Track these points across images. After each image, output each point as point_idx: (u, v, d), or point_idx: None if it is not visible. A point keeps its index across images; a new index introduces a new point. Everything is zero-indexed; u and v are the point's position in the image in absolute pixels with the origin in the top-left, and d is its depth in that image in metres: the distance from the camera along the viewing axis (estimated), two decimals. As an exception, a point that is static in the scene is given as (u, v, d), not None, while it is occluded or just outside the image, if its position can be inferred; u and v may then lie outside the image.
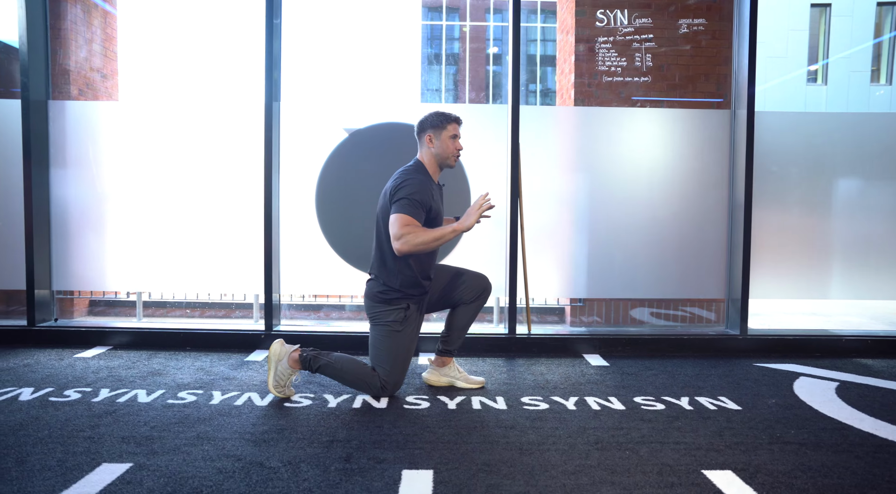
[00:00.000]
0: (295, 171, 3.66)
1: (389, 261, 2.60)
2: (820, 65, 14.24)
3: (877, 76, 14.14)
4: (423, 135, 2.64)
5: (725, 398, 2.68)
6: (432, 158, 2.65)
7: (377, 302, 2.63)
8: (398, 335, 2.60)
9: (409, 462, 1.97)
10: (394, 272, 2.59)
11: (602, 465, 1.96)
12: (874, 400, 2.69)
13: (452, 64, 18.48)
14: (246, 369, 3.09)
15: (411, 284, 2.61)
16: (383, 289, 2.61)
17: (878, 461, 2.03)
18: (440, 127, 2.62)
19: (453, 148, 2.64)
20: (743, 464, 1.97)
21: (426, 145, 2.64)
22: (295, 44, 5.70)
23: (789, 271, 3.76)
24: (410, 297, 2.62)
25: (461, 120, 2.68)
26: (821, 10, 14.04)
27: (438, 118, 2.63)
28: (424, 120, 2.65)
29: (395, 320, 2.60)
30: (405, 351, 2.63)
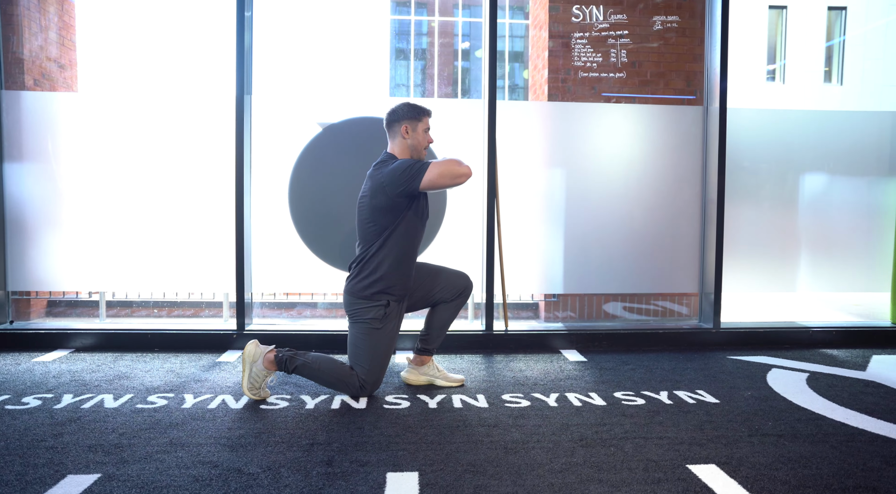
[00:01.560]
0: (268, 166, 3.55)
1: (371, 257, 2.54)
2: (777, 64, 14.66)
3: (829, 76, 14.64)
4: (398, 126, 2.58)
5: (703, 392, 2.72)
6: (406, 149, 2.61)
7: (357, 298, 2.57)
8: (378, 332, 2.55)
9: (393, 464, 1.92)
10: (375, 268, 2.54)
11: (588, 462, 1.94)
12: (843, 390, 2.76)
13: (421, 59, 18.38)
14: (218, 370, 2.99)
15: (393, 280, 2.56)
16: (364, 285, 2.56)
17: (852, 450, 2.07)
18: (416, 119, 2.59)
19: (426, 140, 2.62)
20: (726, 457, 1.99)
21: (400, 136, 2.59)
22: (268, 37, 5.58)
23: (760, 265, 3.84)
24: (391, 294, 2.57)
25: (432, 113, 2.65)
26: (777, 11, 14.45)
27: (414, 110, 2.59)
28: (397, 111, 2.59)
29: (374, 317, 2.55)
30: (385, 350, 2.57)
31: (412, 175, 2.44)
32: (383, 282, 2.55)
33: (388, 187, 2.47)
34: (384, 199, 2.48)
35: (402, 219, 2.53)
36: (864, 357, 3.37)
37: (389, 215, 2.50)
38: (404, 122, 2.58)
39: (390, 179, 2.46)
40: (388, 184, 2.47)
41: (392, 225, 2.52)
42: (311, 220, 3.56)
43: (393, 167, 2.48)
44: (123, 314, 4.63)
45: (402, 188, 2.46)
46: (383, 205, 2.49)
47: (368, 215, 2.53)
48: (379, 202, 2.49)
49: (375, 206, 2.50)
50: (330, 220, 3.55)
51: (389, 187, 2.46)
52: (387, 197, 2.48)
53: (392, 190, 2.46)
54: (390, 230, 2.52)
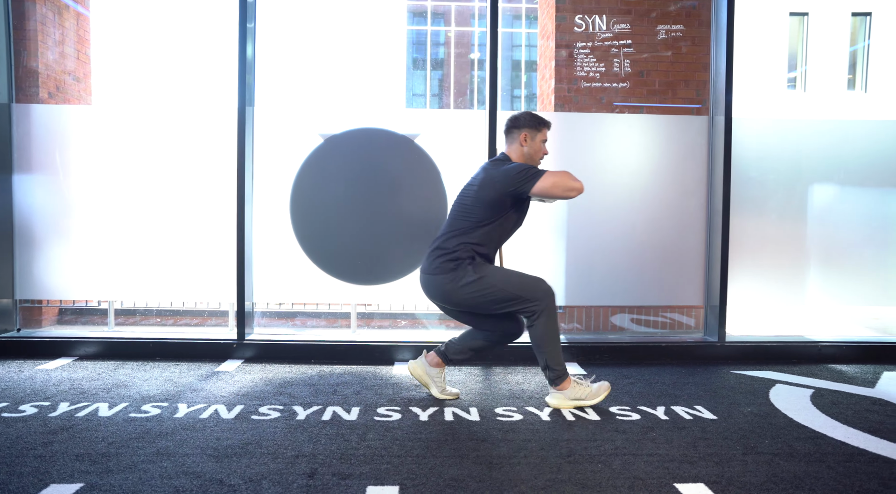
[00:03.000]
0: (271, 177, 3.58)
1: (452, 237, 2.59)
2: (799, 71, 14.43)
3: (853, 84, 14.35)
4: (518, 132, 2.66)
5: (701, 407, 2.66)
6: (521, 156, 2.67)
7: (447, 272, 2.56)
8: (490, 277, 2.53)
9: (375, 478, 1.91)
10: (454, 249, 2.57)
11: (573, 479, 1.91)
12: (847, 407, 2.68)
13: (438, 69, 18.48)
14: (216, 379, 3.02)
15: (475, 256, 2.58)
16: (441, 261, 2.57)
17: (849, 470, 2.00)
18: (536, 129, 2.67)
19: (542, 152, 2.70)
20: (716, 476, 1.94)
21: (518, 143, 2.67)
22: (274, 48, 5.66)
23: (768, 277, 3.76)
24: (472, 256, 2.59)
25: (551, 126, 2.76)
26: (799, 18, 14.24)
27: (535, 120, 2.67)
28: (519, 118, 2.67)
29: (472, 272, 2.53)
30: (513, 273, 2.59)
31: (527, 178, 2.50)
32: (459, 256, 2.56)
33: (499, 183, 2.52)
34: (492, 193, 2.53)
35: (499, 219, 2.58)
36: (874, 374, 3.27)
37: (489, 211, 2.55)
38: (525, 130, 2.66)
39: (504, 176, 2.52)
40: (500, 180, 2.53)
41: (487, 221, 2.57)
42: (313, 231, 3.58)
43: (510, 166, 2.55)
44: (131, 322, 4.70)
45: (514, 188, 2.51)
46: (489, 199, 2.54)
47: (471, 204, 2.59)
48: (485, 195, 2.55)
49: (481, 197, 2.56)
50: (331, 231, 3.56)
51: (501, 184, 2.52)
52: (495, 192, 2.53)
53: (503, 187, 2.52)
54: (483, 224, 2.57)
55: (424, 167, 3.57)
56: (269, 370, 3.22)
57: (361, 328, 4.31)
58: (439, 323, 4.68)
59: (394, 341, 3.50)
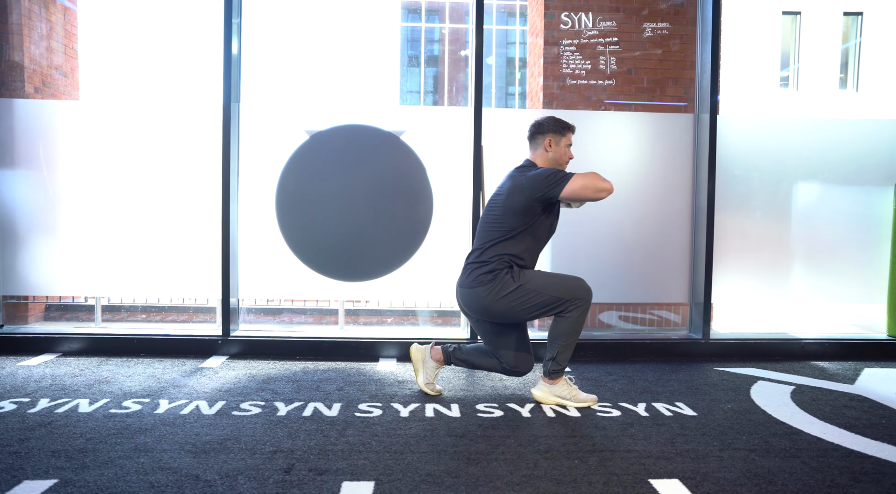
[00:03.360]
0: (257, 173, 3.58)
1: (487, 249, 2.57)
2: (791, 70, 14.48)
3: (844, 83, 14.41)
4: (542, 138, 2.63)
5: (682, 404, 2.67)
6: (547, 161, 2.64)
7: (485, 285, 2.53)
8: (528, 285, 2.50)
9: (351, 473, 1.91)
10: (489, 260, 2.55)
11: (549, 475, 1.92)
12: (826, 404, 2.70)
13: (432, 66, 18.45)
14: (199, 375, 3.01)
15: (504, 266, 2.55)
16: (478, 274, 2.55)
17: (823, 465, 2.02)
18: (560, 134, 2.63)
19: (567, 156, 2.66)
20: (691, 472, 1.95)
21: (543, 148, 2.63)
22: (263, 44, 5.62)
23: (752, 275, 3.78)
24: (511, 265, 2.56)
25: (575, 130, 2.73)
26: (791, 17, 14.29)
27: (559, 125, 2.63)
28: (543, 124, 2.64)
29: (508, 284, 2.50)
30: (549, 274, 2.57)
31: (555, 182, 2.47)
32: (496, 267, 2.54)
33: (527, 190, 2.49)
34: (521, 200, 2.50)
35: (532, 225, 2.54)
36: (855, 370, 3.29)
37: (520, 218, 2.52)
38: (549, 135, 2.62)
39: (531, 183, 2.50)
40: (528, 187, 2.50)
41: (519, 228, 2.53)
42: (298, 227, 3.57)
43: (537, 172, 2.53)
44: (118, 318, 4.69)
45: (542, 193, 2.48)
46: (518, 206, 2.51)
47: (500, 213, 2.56)
48: (514, 203, 2.51)
49: (509, 206, 2.53)
50: (317, 227, 3.56)
51: (529, 190, 2.49)
52: (524, 199, 2.50)
53: (532, 193, 2.49)
54: (515, 233, 2.53)
55: (410, 164, 3.57)
56: (254, 366, 3.23)
57: (350, 325, 4.31)
58: (427, 320, 4.69)
59: (379, 337, 3.50)
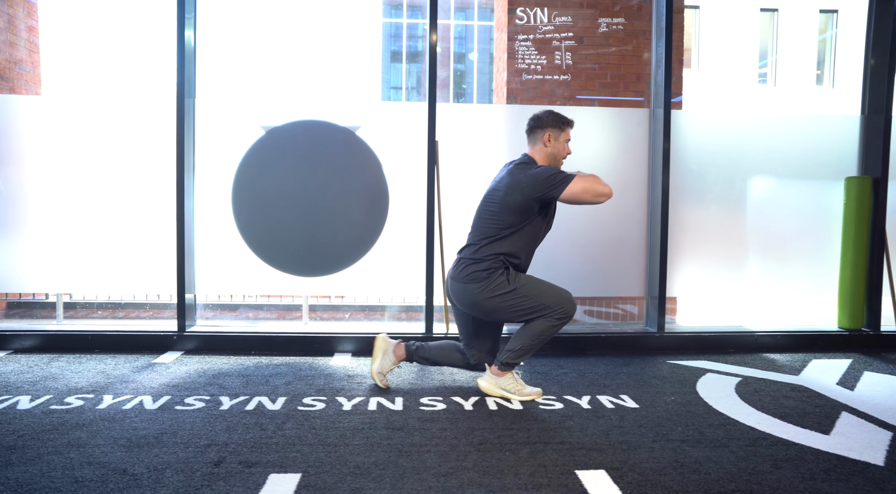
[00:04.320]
0: (214, 168, 3.56)
1: (484, 247, 2.57)
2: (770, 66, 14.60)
3: (821, 79, 14.56)
4: (542, 132, 2.62)
5: (626, 397, 2.70)
6: (546, 157, 2.63)
7: (478, 282, 2.53)
8: (521, 289, 2.51)
9: (280, 465, 1.92)
10: (485, 257, 2.55)
11: (477, 467, 1.94)
12: (767, 394, 2.74)
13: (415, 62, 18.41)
14: (150, 371, 3.01)
15: (501, 265, 2.56)
16: (472, 270, 2.55)
17: (749, 454, 2.06)
18: (560, 128, 2.62)
19: (566, 151, 2.67)
20: (619, 463, 1.98)
21: (542, 143, 2.62)
22: (225, 40, 5.54)
23: (709, 268, 3.82)
24: (507, 266, 2.58)
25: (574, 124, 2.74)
26: (769, 14, 14.41)
27: (559, 119, 2.62)
28: (542, 118, 2.62)
29: (501, 285, 2.51)
30: (544, 284, 2.57)
31: (556, 183, 2.47)
32: (491, 266, 2.54)
33: (527, 188, 2.49)
34: (520, 198, 2.50)
35: (528, 223, 2.55)
36: (803, 362, 3.34)
37: (517, 216, 2.52)
38: (548, 129, 2.61)
39: (532, 182, 2.49)
40: (528, 185, 2.49)
41: (516, 226, 2.54)
42: (255, 222, 3.57)
43: (538, 171, 2.51)
44: (81, 315, 4.66)
45: (542, 193, 2.48)
46: (516, 204, 2.51)
47: (497, 209, 2.55)
48: (512, 200, 2.51)
49: (507, 203, 2.52)
50: (273, 222, 3.55)
51: (528, 189, 2.48)
52: (523, 197, 2.49)
53: (531, 192, 2.48)
54: (512, 230, 2.54)
55: (365, 159, 3.57)
56: (207, 361, 3.22)
57: (314, 321, 4.31)
58: (383, 315, 4.70)
59: (334, 332, 3.51)
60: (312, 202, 3.55)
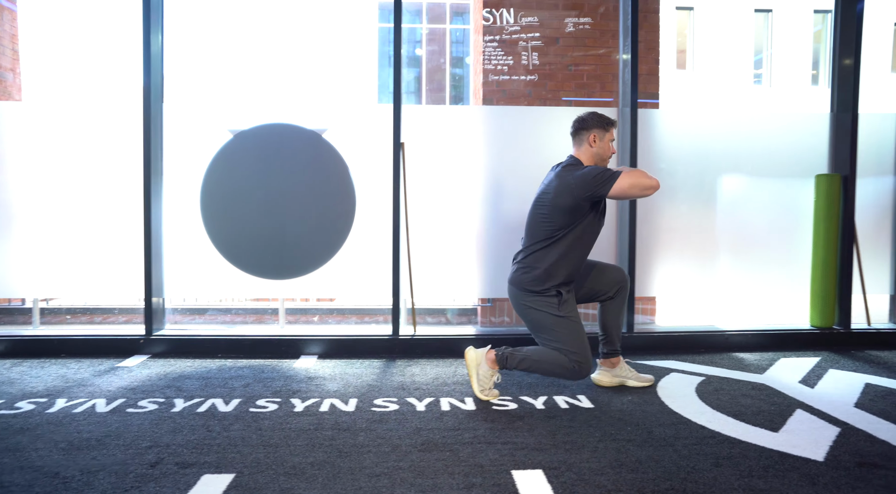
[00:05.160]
0: (183, 172, 3.57)
1: (539, 251, 2.62)
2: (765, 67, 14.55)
3: (817, 79, 14.50)
4: (587, 133, 2.67)
5: (583, 397, 2.68)
6: (591, 157, 2.68)
7: (525, 291, 2.64)
8: (565, 319, 2.59)
9: (217, 466, 1.92)
10: (542, 262, 2.61)
11: (413, 467, 1.93)
12: (726, 393, 2.71)
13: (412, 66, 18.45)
14: (111, 374, 3.01)
15: (560, 274, 2.61)
16: (531, 277, 2.62)
17: (693, 452, 2.04)
18: (604, 129, 2.68)
19: (610, 151, 2.72)
20: (558, 463, 1.96)
21: (587, 144, 2.68)
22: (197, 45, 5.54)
23: (680, 267, 3.80)
24: (558, 284, 2.63)
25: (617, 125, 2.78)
26: (764, 15, 14.37)
27: (603, 120, 2.67)
28: (587, 119, 2.68)
29: (550, 306, 2.60)
30: (579, 328, 2.61)
31: (603, 181, 2.52)
32: (550, 277, 2.60)
33: (576, 189, 2.54)
34: (570, 200, 2.55)
35: (580, 223, 2.60)
36: (771, 360, 3.31)
37: (568, 216, 2.58)
38: (594, 130, 2.66)
39: (580, 182, 2.54)
40: (577, 186, 2.54)
41: (568, 226, 2.59)
42: (223, 226, 3.57)
43: (585, 171, 2.56)
44: (58, 320, 4.68)
45: (591, 192, 2.53)
46: (567, 205, 2.56)
47: (548, 212, 2.61)
48: (563, 202, 2.56)
49: (558, 205, 2.58)
50: (241, 226, 3.56)
51: (578, 189, 2.54)
52: (573, 198, 2.55)
53: (580, 192, 2.54)
54: (566, 231, 2.60)
55: (332, 161, 3.57)
56: (172, 364, 3.22)
57: (290, 324, 4.31)
58: (351, 317, 4.70)
59: (300, 335, 3.50)
60: (279, 205, 3.55)
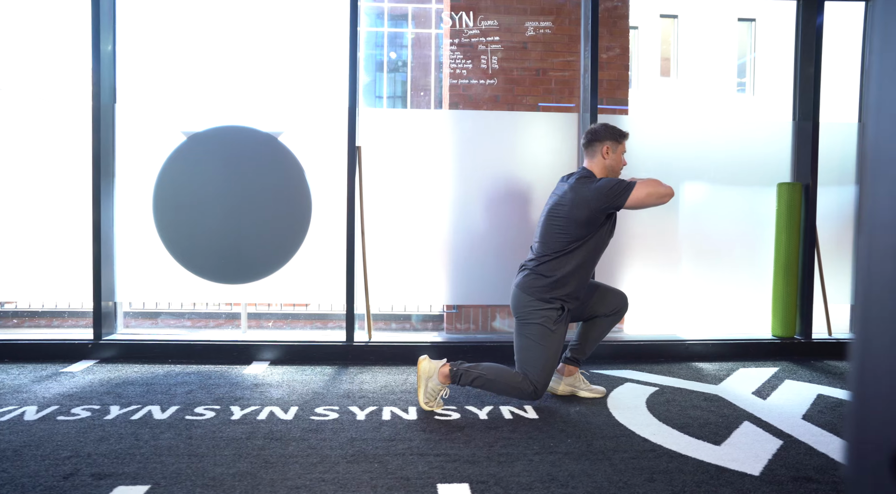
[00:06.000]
0: (135, 175, 3.50)
1: (552, 260, 2.59)
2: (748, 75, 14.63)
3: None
4: (600, 145, 2.65)
5: (529, 408, 2.63)
6: (604, 168, 2.67)
7: (532, 298, 2.59)
8: (551, 335, 2.57)
9: (133, 477, 1.85)
10: (555, 272, 2.58)
11: (337, 479, 1.87)
12: (676, 405, 2.67)
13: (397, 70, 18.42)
14: (51, 381, 2.93)
15: (570, 287, 2.59)
16: (541, 285, 2.58)
17: (629, 466, 1.99)
18: (617, 141, 2.66)
19: (622, 164, 2.72)
20: (487, 476, 1.91)
21: (600, 155, 2.65)
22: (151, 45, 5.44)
23: (641, 275, 3.76)
24: (566, 300, 2.61)
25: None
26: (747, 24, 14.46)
27: (615, 133, 2.66)
28: (599, 131, 2.67)
29: (548, 318, 2.57)
30: (556, 352, 2.59)
31: (619, 193, 2.51)
32: (561, 287, 2.58)
33: (592, 202, 2.52)
34: (586, 212, 2.54)
35: (594, 234, 2.59)
36: (729, 371, 3.28)
37: (584, 229, 2.56)
38: (606, 142, 2.65)
39: (597, 195, 2.52)
40: (593, 199, 2.52)
41: (583, 238, 2.58)
42: (176, 230, 3.50)
43: (601, 184, 2.55)
44: (11, 324, 4.58)
45: (608, 204, 2.52)
46: (583, 218, 2.54)
47: (563, 223, 2.59)
48: (579, 215, 2.54)
49: (574, 217, 2.56)
50: (195, 230, 3.49)
51: (594, 202, 2.52)
52: (589, 211, 2.53)
53: (597, 205, 2.52)
54: (580, 243, 2.58)
55: (288, 165, 3.52)
56: (119, 369, 3.14)
57: (252, 329, 4.23)
58: (316, 322, 4.63)
59: (254, 340, 3.44)
60: (234, 209, 3.49)
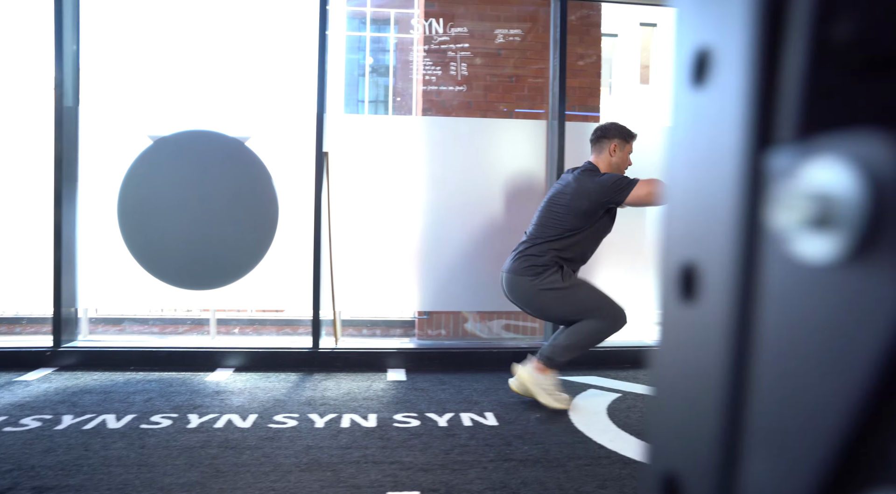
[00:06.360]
0: (100, 180, 3.45)
1: (544, 243, 2.65)
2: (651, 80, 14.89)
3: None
4: (608, 143, 2.72)
5: (490, 415, 2.63)
6: (609, 165, 2.73)
7: (529, 276, 2.64)
8: (573, 288, 2.61)
9: (76, 490, 1.81)
10: (545, 254, 2.64)
11: (288, 488, 1.85)
12: (638, 411, 2.69)
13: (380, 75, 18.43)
14: (3, 390, 2.87)
15: (558, 263, 2.65)
16: (528, 264, 2.65)
17: (582, 474, 2.00)
18: (626, 140, 2.74)
19: (628, 163, 2.78)
20: (438, 484, 1.90)
21: (607, 152, 2.73)
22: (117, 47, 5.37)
23: (612, 280, 3.79)
24: (561, 265, 2.65)
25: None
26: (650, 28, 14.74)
27: (625, 132, 2.73)
28: (609, 129, 2.74)
29: (555, 281, 2.61)
30: (595, 289, 2.65)
31: (622, 188, 2.57)
32: (553, 262, 2.64)
33: (594, 194, 2.60)
34: (586, 204, 2.61)
35: (590, 227, 2.66)
36: (692, 377, 3.30)
37: (581, 220, 2.63)
38: (615, 140, 2.72)
39: (599, 188, 2.60)
40: (595, 192, 2.60)
41: (579, 229, 2.65)
42: (141, 234, 3.46)
43: (604, 178, 2.62)
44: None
45: (609, 198, 2.59)
46: (582, 209, 2.62)
47: (563, 212, 2.65)
48: (579, 205, 2.62)
49: (574, 207, 2.63)
50: (160, 235, 3.45)
51: (596, 195, 2.60)
52: (590, 203, 2.61)
53: (598, 197, 2.60)
54: (574, 233, 2.65)
55: (255, 170, 3.49)
56: (77, 377, 3.09)
57: (221, 335, 4.19)
58: (285, 328, 4.59)
59: (219, 346, 3.40)
60: (200, 214, 3.45)
